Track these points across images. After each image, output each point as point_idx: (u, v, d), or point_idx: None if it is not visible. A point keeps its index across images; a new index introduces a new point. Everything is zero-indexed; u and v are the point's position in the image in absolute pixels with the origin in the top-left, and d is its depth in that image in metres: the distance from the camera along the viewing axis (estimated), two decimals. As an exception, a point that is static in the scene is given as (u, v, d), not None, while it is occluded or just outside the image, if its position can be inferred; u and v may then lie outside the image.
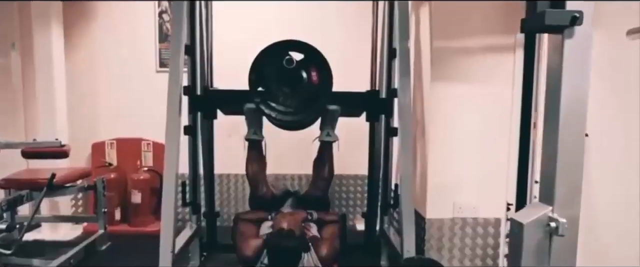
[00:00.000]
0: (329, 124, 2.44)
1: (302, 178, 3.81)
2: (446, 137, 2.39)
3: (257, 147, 2.43)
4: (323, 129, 2.44)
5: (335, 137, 2.43)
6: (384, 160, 2.71)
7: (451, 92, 2.36)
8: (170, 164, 2.18)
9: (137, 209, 3.56)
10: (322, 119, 2.43)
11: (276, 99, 2.23)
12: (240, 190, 3.82)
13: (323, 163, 2.43)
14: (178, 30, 2.24)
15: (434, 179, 2.40)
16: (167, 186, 2.18)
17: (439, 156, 2.39)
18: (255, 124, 2.40)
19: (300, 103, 2.23)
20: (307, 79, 2.25)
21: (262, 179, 2.41)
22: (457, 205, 2.42)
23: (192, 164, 2.63)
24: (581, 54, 1.30)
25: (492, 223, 2.44)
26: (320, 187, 2.42)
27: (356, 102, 2.57)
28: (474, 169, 2.41)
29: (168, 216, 2.14)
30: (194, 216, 2.66)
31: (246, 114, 2.38)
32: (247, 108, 2.33)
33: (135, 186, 3.54)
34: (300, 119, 2.34)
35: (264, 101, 2.24)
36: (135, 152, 3.68)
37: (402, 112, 2.25)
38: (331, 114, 2.39)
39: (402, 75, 2.28)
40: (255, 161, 2.40)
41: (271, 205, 2.47)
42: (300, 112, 2.25)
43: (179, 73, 2.24)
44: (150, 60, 3.70)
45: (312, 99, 2.26)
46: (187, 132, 2.51)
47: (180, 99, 2.25)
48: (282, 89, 2.23)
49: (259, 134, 2.41)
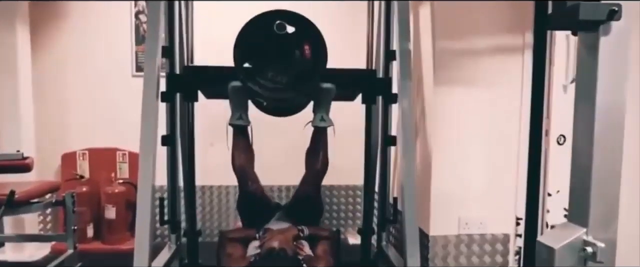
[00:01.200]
0: (323, 106, 2.17)
1: (290, 189, 3.58)
2: (450, 146, 2.19)
3: (243, 134, 2.17)
4: (317, 112, 2.18)
5: (330, 122, 2.18)
6: (382, 170, 2.50)
7: (456, 96, 2.17)
8: (145, 178, 1.93)
9: (112, 225, 3.28)
10: (316, 100, 2.19)
11: (265, 76, 1.97)
12: (224, 203, 3.58)
13: (317, 152, 2.18)
14: (154, 29, 2.01)
15: (438, 192, 2.20)
16: (141, 202, 1.93)
17: (442, 167, 2.19)
18: (240, 107, 2.14)
19: (292, 79, 1.97)
20: (300, 53, 2.00)
21: (250, 172, 2.17)
22: (463, 220, 2.22)
23: (170, 177, 2.38)
24: (619, 53, 1.13)
25: (500, 239, 2.25)
26: (312, 181, 2.19)
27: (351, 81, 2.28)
28: (481, 181, 2.22)
29: (142, 236, 1.89)
30: (173, 235, 2.41)
31: (231, 94, 2.11)
32: (232, 87, 2.07)
33: (109, 200, 3.26)
34: (291, 98, 2.10)
35: (251, 78, 1.99)
36: (110, 164, 3.40)
37: (404, 119, 2.04)
38: (326, 93, 2.13)
39: (403, 79, 2.07)
40: (242, 150, 2.14)
41: (262, 205, 2.24)
42: (291, 90, 2.00)
43: (154, 77, 2.01)
44: (126, 64, 3.44)
45: (305, 75, 2.02)
46: (165, 143, 2.26)
47: (156, 106, 2.01)
48: (271, 64, 1.98)
49: (245, 119, 2.14)
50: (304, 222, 2.21)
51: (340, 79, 2.17)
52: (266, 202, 2.30)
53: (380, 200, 2.53)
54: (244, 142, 2.17)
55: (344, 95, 2.35)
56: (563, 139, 2.11)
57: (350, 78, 2.29)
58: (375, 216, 2.90)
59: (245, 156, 2.15)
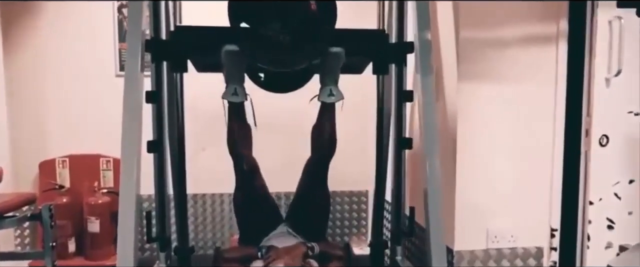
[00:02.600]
0: (332, 77, 1.89)
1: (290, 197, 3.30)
2: (476, 149, 1.94)
3: (238, 114, 1.89)
4: (325, 85, 1.90)
5: (340, 95, 1.90)
6: (395, 177, 2.23)
7: (481, 94, 1.91)
8: (127, 190, 1.67)
9: (95, 239, 3.00)
10: (322, 70, 1.91)
11: (265, 36, 1.70)
12: (218, 212, 3.29)
13: (324, 130, 1.90)
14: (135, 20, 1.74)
15: (463, 202, 1.94)
16: (124, 217, 1.68)
17: (468, 173, 1.94)
18: (236, 78, 1.85)
19: (297, 38, 1.70)
20: (305, 8, 1.73)
21: (246, 151, 1.90)
22: (492, 233, 1.97)
23: (158, 188, 2.10)
24: None
25: (533, 254, 2.00)
26: (318, 167, 1.93)
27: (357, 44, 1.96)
28: (512, 189, 1.97)
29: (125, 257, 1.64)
30: (162, 253, 2.13)
31: (225, 60, 1.82)
32: (226, 52, 1.78)
33: (92, 211, 2.97)
34: (295, 62, 1.83)
35: (249, 38, 1.72)
36: (93, 172, 3.11)
37: (427, 119, 1.78)
38: (334, 59, 1.85)
39: (424, 74, 1.81)
40: (238, 131, 1.87)
41: (263, 205, 1.99)
42: (296, 50, 1.73)
43: (137, 74, 1.74)
44: (108, 63, 3.14)
45: (312, 34, 1.75)
46: (151, 149, 1.98)
47: (140, 106, 1.74)
48: (271, 22, 1.71)
49: (241, 94, 1.86)
50: (310, 224, 1.95)
51: (346, 43, 1.85)
52: (267, 202, 2.03)
53: (394, 210, 2.27)
54: (239, 119, 1.89)
55: (350, 66, 2.00)
56: (606, 139, 1.87)
57: (357, 41, 1.97)
58: (385, 227, 2.65)
59: (240, 134, 1.88)
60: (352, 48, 1.91)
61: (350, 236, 3.41)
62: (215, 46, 1.84)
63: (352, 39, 1.94)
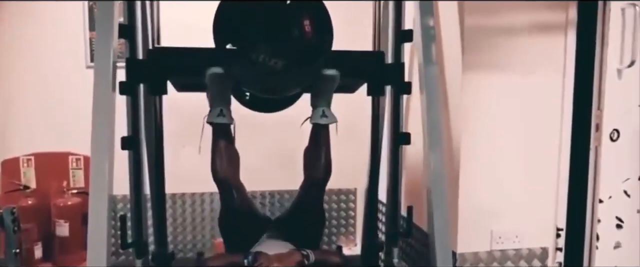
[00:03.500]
0: (325, 98, 1.76)
1: (275, 195, 3.14)
2: (481, 145, 1.81)
3: (225, 135, 1.72)
4: (317, 106, 1.76)
5: (333, 118, 1.77)
6: (392, 175, 2.09)
7: (488, 86, 1.78)
8: (98, 191, 1.50)
9: (65, 243, 2.77)
10: (315, 91, 1.77)
11: (255, 59, 1.54)
12: (198, 213, 3.10)
13: (318, 155, 1.76)
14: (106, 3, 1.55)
15: (467, 202, 1.81)
16: (95, 219, 1.51)
17: (472, 171, 1.81)
18: (221, 101, 1.69)
19: (291, 63, 1.55)
20: (299, 30, 1.58)
21: (236, 182, 1.71)
22: (496, 234, 1.85)
23: (134, 188, 1.91)
24: None
25: (537, 255, 1.88)
26: (314, 191, 1.76)
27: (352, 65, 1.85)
28: (518, 187, 1.85)
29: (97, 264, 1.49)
30: (138, 260, 1.94)
31: (210, 84, 1.66)
32: (211, 75, 1.62)
33: (61, 214, 2.75)
34: (287, 87, 1.68)
35: (236, 62, 1.55)
36: (61, 171, 2.87)
37: (431, 112, 1.64)
38: (328, 82, 1.72)
39: (427, 62, 1.67)
40: (225, 154, 1.69)
41: (251, 224, 1.79)
42: (288, 77, 1.58)
43: (108, 62, 1.55)
44: (78, 53, 2.91)
45: (307, 58, 1.60)
46: (125, 146, 1.79)
47: (111, 99, 1.55)
48: (263, 44, 1.55)
49: (228, 116, 1.70)
50: (302, 239, 1.79)
51: (340, 65, 1.73)
52: (256, 219, 1.85)
53: (391, 209, 2.13)
54: (226, 145, 1.72)
55: (343, 86, 1.88)
56: (617, 134, 1.76)
57: (352, 63, 1.86)
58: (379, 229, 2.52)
59: (228, 162, 1.70)
60: (348, 70, 1.79)
61: (337, 236, 3.27)
62: (199, 69, 1.68)
63: (347, 60, 1.80)
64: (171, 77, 1.86)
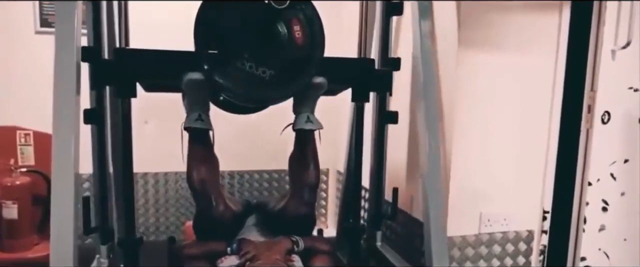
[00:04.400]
0: (309, 104, 1.66)
1: (244, 176, 3.00)
2: (474, 126, 1.75)
3: (203, 141, 1.58)
4: (301, 112, 1.66)
5: (319, 124, 1.67)
6: (377, 155, 2.00)
7: (484, 62, 1.71)
8: (63, 168, 1.32)
9: (13, 227, 2.51)
10: (300, 98, 1.65)
11: (240, 66, 1.41)
12: (162, 193, 2.91)
13: (306, 163, 1.64)
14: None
15: (458, 183, 1.75)
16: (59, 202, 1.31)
17: (465, 153, 1.75)
18: (200, 106, 1.55)
19: (279, 73, 1.44)
20: (289, 37, 1.47)
21: (216, 191, 1.57)
22: (485, 216, 1.80)
23: (98, 167, 1.72)
24: None
25: (523, 238, 1.86)
26: (305, 199, 1.62)
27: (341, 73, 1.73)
28: (508, 169, 1.81)
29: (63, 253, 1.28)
30: (103, 246, 1.76)
31: (188, 89, 1.53)
32: (190, 81, 1.47)
33: (8, 195, 2.48)
34: (276, 100, 1.56)
35: (219, 67, 1.40)
36: (7, 148, 2.59)
37: (427, 90, 1.56)
38: (315, 90, 1.61)
39: (424, 37, 1.58)
40: (204, 161, 1.54)
41: (232, 229, 1.65)
42: (277, 87, 1.46)
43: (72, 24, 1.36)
44: (26, 17, 2.61)
45: (296, 68, 1.49)
46: (89, 120, 1.60)
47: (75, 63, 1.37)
48: (250, 51, 1.42)
49: (207, 121, 1.56)
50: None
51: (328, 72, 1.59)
52: (238, 221, 1.70)
53: (374, 191, 2.04)
54: (204, 151, 1.57)
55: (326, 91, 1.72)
56: (608, 116, 1.75)
57: (340, 71, 1.72)
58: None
59: (207, 169, 1.54)
60: (336, 77, 1.67)
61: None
62: (174, 74, 1.51)
63: (336, 67, 1.67)
64: (142, 79, 1.69)
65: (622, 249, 1.88)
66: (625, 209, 1.85)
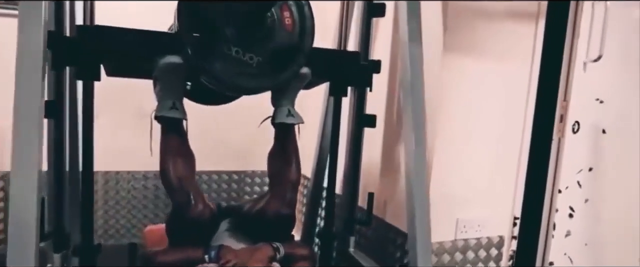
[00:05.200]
0: (290, 97, 1.59)
1: (212, 176, 2.86)
2: (454, 130, 1.75)
3: (177, 131, 1.46)
4: (281, 105, 1.58)
5: (300, 118, 1.60)
6: (352, 160, 1.96)
7: (467, 68, 1.72)
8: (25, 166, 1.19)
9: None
10: (281, 89, 1.57)
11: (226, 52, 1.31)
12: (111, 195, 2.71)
13: (287, 159, 1.57)
14: None
15: (437, 189, 1.74)
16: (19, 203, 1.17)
17: (444, 159, 1.74)
18: (174, 93, 1.44)
19: (267, 60, 1.37)
20: (279, 23, 1.40)
21: (194, 187, 1.44)
22: (461, 223, 1.81)
23: (55, 165, 1.55)
24: None
25: (495, 243, 1.89)
26: (287, 198, 1.54)
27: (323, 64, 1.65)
28: (485, 176, 1.83)
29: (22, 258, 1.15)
30: (56, 255, 1.58)
31: (161, 74, 1.40)
32: (166, 64, 1.35)
33: None
34: (261, 89, 1.47)
35: (203, 52, 1.31)
36: None
37: (414, 93, 1.54)
38: (298, 81, 1.54)
39: (412, 38, 1.56)
40: (179, 154, 1.43)
41: (209, 230, 1.54)
42: (264, 75, 1.38)
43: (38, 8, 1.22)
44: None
45: (285, 56, 1.42)
46: (49, 113, 1.43)
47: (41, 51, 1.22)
48: (236, 36, 1.33)
49: (181, 110, 1.45)
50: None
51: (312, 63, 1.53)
52: (215, 224, 1.59)
53: (348, 196, 2.00)
54: (180, 143, 1.46)
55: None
56: (577, 126, 1.81)
57: (326, 63, 1.67)
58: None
59: (184, 162, 1.44)
60: (323, 70, 1.63)
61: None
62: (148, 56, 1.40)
63: (321, 59, 1.62)
64: (107, 62, 1.55)
65: (584, 254, 1.96)
66: (588, 215, 1.93)
